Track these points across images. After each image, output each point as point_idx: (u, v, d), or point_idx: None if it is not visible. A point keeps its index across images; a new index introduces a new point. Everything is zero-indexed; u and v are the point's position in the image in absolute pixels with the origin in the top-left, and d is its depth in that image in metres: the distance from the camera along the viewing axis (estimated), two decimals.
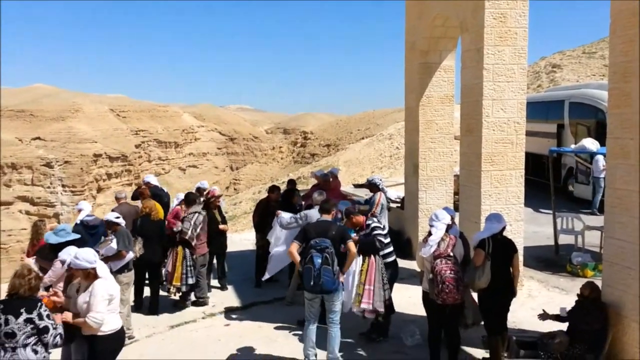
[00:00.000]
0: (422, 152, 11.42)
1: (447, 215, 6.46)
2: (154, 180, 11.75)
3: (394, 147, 34.37)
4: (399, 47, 12.38)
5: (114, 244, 7.83)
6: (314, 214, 8.10)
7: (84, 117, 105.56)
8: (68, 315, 5.27)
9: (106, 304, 5.33)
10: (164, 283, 9.29)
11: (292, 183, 11.95)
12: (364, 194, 13.79)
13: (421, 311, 6.97)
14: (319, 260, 6.35)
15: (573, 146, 13.71)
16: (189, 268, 9.05)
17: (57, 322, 5.07)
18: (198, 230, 9.21)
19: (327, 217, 6.91)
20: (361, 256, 7.14)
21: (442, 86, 11.39)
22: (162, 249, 9.27)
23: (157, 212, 9.38)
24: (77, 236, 7.05)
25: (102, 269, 5.49)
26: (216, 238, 10.16)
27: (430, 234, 6.39)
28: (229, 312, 9.30)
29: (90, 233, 8.77)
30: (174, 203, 10.58)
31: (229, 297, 10.03)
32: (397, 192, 15.06)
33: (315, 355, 6.80)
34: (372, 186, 10.47)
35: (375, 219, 7.64)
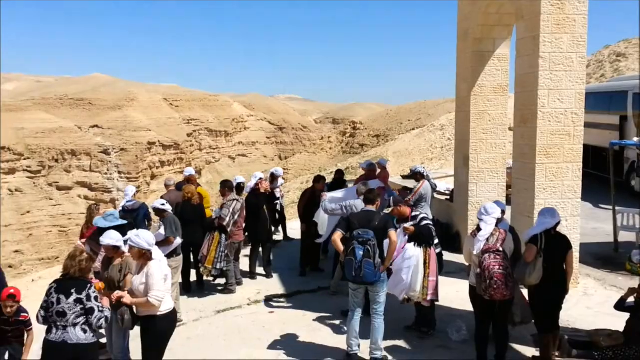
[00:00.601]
0: (473, 143, 11.12)
1: (497, 208, 6.25)
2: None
3: (446, 138, 33.76)
4: (451, 35, 12.03)
5: (162, 230, 8.07)
6: (359, 204, 8.03)
7: (139, 106, 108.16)
8: (127, 297, 5.40)
9: (163, 282, 5.45)
10: (199, 265, 9.46)
11: (340, 173, 11.92)
12: (413, 185, 13.60)
13: (469, 306, 6.80)
14: (361, 253, 6.29)
15: (636, 139, 13.08)
16: (221, 253, 9.25)
17: (104, 305, 5.19)
18: (235, 217, 9.40)
19: (371, 208, 6.80)
20: (420, 248, 7.00)
21: (496, 75, 11.04)
22: (203, 232, 9.54)
23: (197, 197, 9.70)
24: (124, 222, 7.33)
25: (157, 251, 5.66)
26: (262, 227, 10.21)
27: (479, 227, 6.20)
28: (273, 299, 9.37)
29: (132, 217, 9.17)
30: (251, 181, 10.97)
31: (274, 285, 10.09)
32: (447, 184, 14.77)
33: (359, 346, 6.75)
34: (416, 175, 10.36)
35: (421, 211, 7.47)
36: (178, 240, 8.31)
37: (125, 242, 5.93)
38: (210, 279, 9.84)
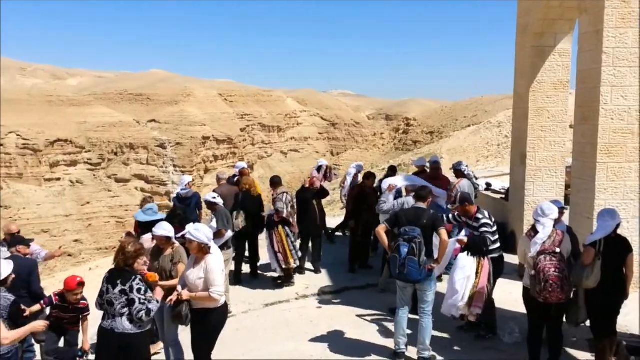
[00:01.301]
0: (530, 140, 10.80)
1: (554, 209, 6.03)
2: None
3: (503, 136, 32.95)
4: (509, 30, 11.69)
5: (213, 223, 8.18)
6: (412, 201, 7.93)
7: (195, 101, 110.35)
8: (185, 293, 5.45)
9: (223, 277, 5.57)
10: (278, 267, 9.55)
11: (392, 170, 11.77)
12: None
13: (522, 308, 6.61)
14: (405, 250, 6.23)
15: None
16: (293, 244, 9.31)
17: (156, 297, 5.28)
18: (289, 208, 9.43)
19: (422, 205, 6.68)
20: (473, 257, 6.82)
21: (556, 71, 10.67)
22: (261, 222, 9.80)
23: (255, 188, 9.88)
24: (163, 216, 7.49)
25: (214, 245, 5.71)
26: (313, 222, 10.23)
27: (534, 228, 6.00)
28: (321, 294, 9.38)
29: (184, 204, 9.43)
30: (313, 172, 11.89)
31: (322, 281, 10.10)
32: (502, 183, 14.41)
33: (406, 345, 6.67)
34: (457, 172, 10.15)
35: (486, 214, 7.23)
36: (229, 233, 8.45)
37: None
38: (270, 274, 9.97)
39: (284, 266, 9.44)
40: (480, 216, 7.12)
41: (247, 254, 10.38)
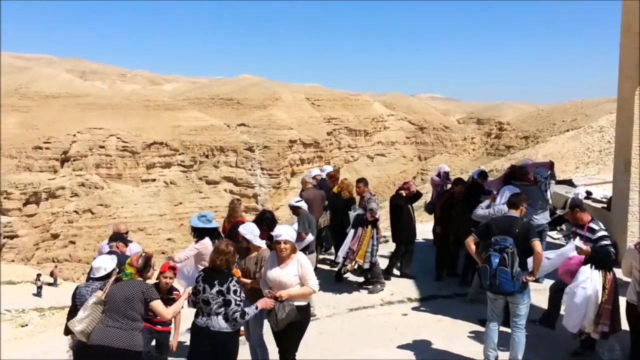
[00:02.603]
0: (636, 147, 9.99)
1: None
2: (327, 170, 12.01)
3: (605, 141, 31.10)
4: (613, 30, 10.92)
5: (295, 226, 8.19)
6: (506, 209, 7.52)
7: (283, 105, 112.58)
8: (284, 293, 5.50)
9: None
10: (342, 258, 9.40)
11: (483, 175, 11.07)
12: (564, 191, 12.62)
13: (624, 324, 6.12)
14: (496, 261, 5.92)
15: None
16: (373, 247, 9.14)
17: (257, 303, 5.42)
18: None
19: (515, 213, 6.30)
20: (598, 270, 6.31)
21: None
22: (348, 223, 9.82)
23: (348, 191, 9.97)
24: (216, 225, 7.69)
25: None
26: (407, 228, 9.98)
27: None
28: (407, 302, 9.13)
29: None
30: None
31: (409, 287, 9.83)
32: (603, 191, 13.50)
33: (496, 358, 6.32)
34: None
35: (600, 224, 6.68)
36: (310, 237, 8.40)
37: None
38: (347, 275, 9.84)
39: (347, 262, 9.23)
40: (595, 227, 6.56)
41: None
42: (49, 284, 33.67)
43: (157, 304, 5.30)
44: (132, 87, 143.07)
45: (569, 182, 14.53)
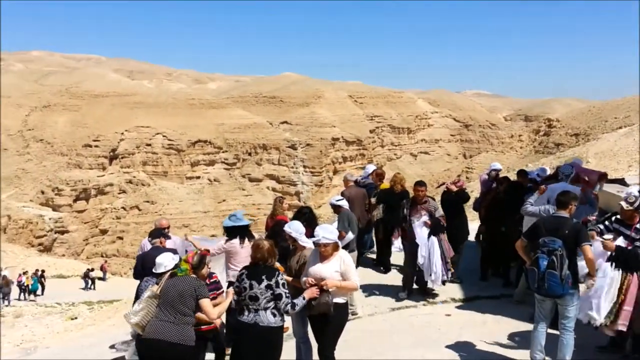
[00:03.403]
0: None
1: None
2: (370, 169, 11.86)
3: None
4: None
5: (335, 225, 8.23)
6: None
7: (325, 103, 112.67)
8: (330, 281, 5.55)
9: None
10: (443, 275, 9.12)
11: (522, 174, 10.50)
12: (615, 190, 12.10)
13: None
14: (545, 263, 5.71)
15: None
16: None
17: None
18: None
19: (563, 213, 6.01)
20: (620, 271, 6.06)
21: None
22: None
23: (400, 185, 10.03)
24: (247, 223, 7.67)
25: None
26: (461, 226, 9.73)
27: None
28: (451, 302, 8.91)
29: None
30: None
31: (453, 287, 9.57)
32: None
33: None
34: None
35: None
36: (350, 236, 8.29)
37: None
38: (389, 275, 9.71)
39: (448, 277, 8.72)
40: None
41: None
42: (99, 279, 34.70)
43: (206, 303, 5.34)
44: (177, 86, 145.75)
45: (621, 181, 13.89)
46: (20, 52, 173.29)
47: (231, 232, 7.47)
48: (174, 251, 6.94)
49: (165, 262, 5.92)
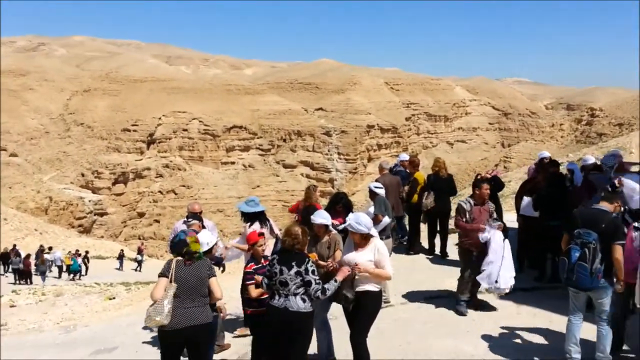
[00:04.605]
0: None
1: None
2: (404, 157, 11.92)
3: None
4: None
5: (371, 209, 8.40)
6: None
7: (361, 90, 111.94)
8: (364, 267, 5.60)
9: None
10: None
11: (554, 164, 10.08)
12: None
13: None
14: (576, 255, 5.64)
15: None
16: None
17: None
18: None
19: (604, 206, 5.85)
20: None
21: None
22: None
23: (445, 169, 10.24)
24: (263, 208, 7.84)
25: (374, 231, 5.87)
26: (500, 215, 9.60)
27: None
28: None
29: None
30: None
31: None
32: None
33: (579, 354, 5.95)
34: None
35: None
36: (386, 220, 8.35)
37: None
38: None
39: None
40: None
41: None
42: (136, 260, 35.43)
43: (214, 281, 5.62)
44: (214, 71, 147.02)
45: None
46: (63, 37, 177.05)
47: (249, 217, 7.61)
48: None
49: (206, 239, 6.12)
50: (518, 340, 6.90)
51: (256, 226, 7.48)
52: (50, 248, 33.27)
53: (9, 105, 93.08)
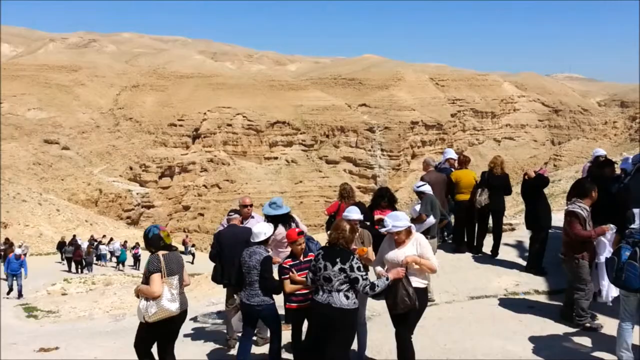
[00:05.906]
0: None
1: None
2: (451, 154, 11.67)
3: None
4: None
5: (417, 207, 8.34)
6: None
7: (405, 86, 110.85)
8: (411, 258, 5.61)
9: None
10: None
11: (609, 163, 9.53)
12: None
13: None
14: (627, 253, 5.48)
15: None
16: None
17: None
18: None
19: None
20: None
21: None
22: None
23: (500, 167, 10.10)
24: (287, 210, 7.77)
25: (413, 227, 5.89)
26: (541, 213, 9.34)
27: None
28: (534, 294, 8.62)
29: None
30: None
31: (536, 279, 9.24)
32: None
33: (631, 359, 5.75)
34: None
35: None
36: (431, 220, 8.13)
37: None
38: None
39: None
40: None
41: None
42: (182, 252, 36.17)
43: (185, 270, 6.19)
44: (258, 67, 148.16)
45: None
46: (113, 33, 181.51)
47: (274, 219, 7.57)
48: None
49: (263, 230, 6.36)
50: (567, 344, 6.72)
51: (280, 229, 7.44)
52: (111, 239, 34.14)
53: (62, 100, 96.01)
